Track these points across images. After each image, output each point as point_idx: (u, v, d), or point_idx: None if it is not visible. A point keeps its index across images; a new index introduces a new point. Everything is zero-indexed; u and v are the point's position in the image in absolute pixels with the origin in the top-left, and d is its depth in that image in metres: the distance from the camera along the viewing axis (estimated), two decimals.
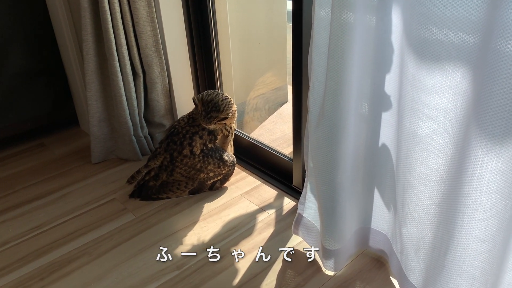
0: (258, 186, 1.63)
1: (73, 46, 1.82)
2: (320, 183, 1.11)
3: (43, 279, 1.26)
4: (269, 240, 1.36)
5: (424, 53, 0.80)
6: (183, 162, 1.49)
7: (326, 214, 1.13)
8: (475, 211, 0.78)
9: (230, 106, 1.44)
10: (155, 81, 1.73)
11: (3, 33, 1.79)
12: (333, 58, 0.92)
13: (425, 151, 0.88)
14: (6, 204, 1.60)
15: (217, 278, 1.23)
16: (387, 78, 0.97)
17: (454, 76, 0.77)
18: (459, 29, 0.73)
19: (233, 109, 1.47)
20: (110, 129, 1.81)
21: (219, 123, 1.45)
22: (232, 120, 1.49)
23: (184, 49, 1.75)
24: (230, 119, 1.48)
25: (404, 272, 1.06)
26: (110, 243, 1.38)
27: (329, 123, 1.00)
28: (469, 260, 0.83)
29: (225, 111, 1.43)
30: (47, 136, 2.08)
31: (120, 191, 1.64)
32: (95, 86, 1.69)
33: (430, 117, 0.84)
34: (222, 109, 1.42)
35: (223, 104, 1.43)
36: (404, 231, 1.01)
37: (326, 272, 1.23)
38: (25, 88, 1.93)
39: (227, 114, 1.43)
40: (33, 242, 1.40)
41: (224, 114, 1.43)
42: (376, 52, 0.94)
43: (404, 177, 0.95)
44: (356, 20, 0.86)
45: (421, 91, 0.83)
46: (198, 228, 1.43)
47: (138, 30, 1.61)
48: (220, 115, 1.42)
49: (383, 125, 1.04)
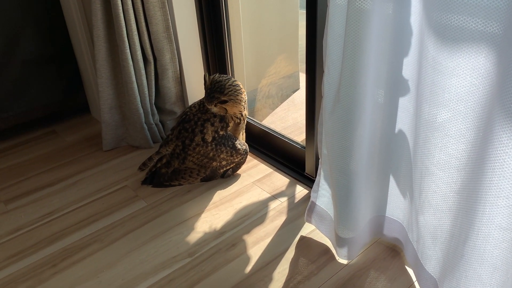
0: (270, 174, 1.61)
1: (84, 32, 1.81)
2: (334, 170, 1.09)
3: (55, 265, 1.26)
4: (282, 228, 1.35)
5: (445, 35, 0.77)
6: (195, 150, 1.48)
7: (340, 202, 1.11)
8: (498, 198, 0.75)
9: (235, 92, 1.42)
10: (166, 68, 1.71)
11: (14, 21, 1.78)
12: (350, 45, 0.89)
13: (444, 136, 0.85)
14: (19, 191, 1.61)
15: (229, 265, 1.22)
16: (405, 62, 0.94)
17: (477, 58, 0.74)
18: (483, 15, 0.70)
19: (240, 97, 1.44)
20: (121, 116, 1.81)
21: (220, 106, 1.44)
22: (237, 108, 1.46)
23: (195, 35, 1.72)
24: (233, 106, 1.45)
25: (420, 260, 1.04)
26: (122, 230, 1.38)
27: (345, 109, 0.98)
28: (489, 249, 0.80)
29: (228, 95, 1.41)
30: (59, 123, 2.08)
31: (131, 178, 1.64)
32: (106, 73, 1.68)
33: (451, 102, 0.81)
34: (226, 93, 1.41)
35: (229, 88, 1.41)
36: (421, 219, 0.99)
37: (339, 261, 1.22)
38: (36, 75, 1.92)
39: (229, 98, 1.42)
40: (45, 228, 1.41)
41: (225, 97, 1.41)
42: (394, 36, 0.91)
43: (422, 164, 0.92)
44: (374, 5, 0.83)
45: (441, 74, 0.80)
46: (210, 215, 1.42)
47: (149, 15, 1.59)
48: (221, 97, 1.41)
49: (400, 111, 1.01)
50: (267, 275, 1.18)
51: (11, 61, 1.84)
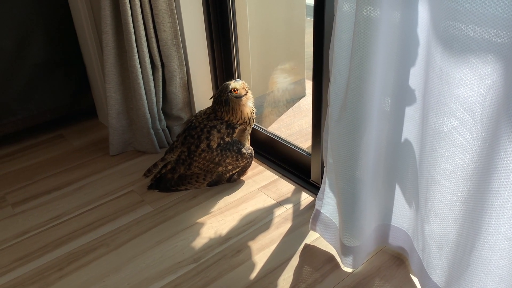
0: (275, 181, 1.61)
1: (93, 38, 1.83)
2: (340, 179, 1.09)
3: (61, 269, 1.27)
4: (287, 235, 1.35)
5: (452, 45, 0.77)
6: (201, 156, 1.49)
7: (345, 211, 1.12)
8: (504, 208, 0.75)
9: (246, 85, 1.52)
10: (173, 74, 1.72)
11: (24, 25, 1.81)
12: (357, 53, 0.90)
13: (451, 146, 0.85)
14: (26, 194, 1.62)
15: (234, 272, 1.23)
16: (412, 72, 0.94)
17: (485, 68, 0.74)
18: (491, 25, 0.70)
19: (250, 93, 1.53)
20: (129, 121, 1.82)
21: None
22: (248, 109, 1.50)
23: (203, 41, 1.74)
24: (246, 103, 1.51)
25: (426, 270, 1.03)
26: (128, 234, 1.39)
27: (351, 117, 0.98)
28: (495, 259, 0.80)
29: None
30: (66, 127, 2.10)
31: (138, 183, 1.64)
32: (114, 79, 1.70)
33: (457, 111, 0.81)
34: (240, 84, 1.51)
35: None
36: (426, 228, 0.99)
37: (344, 269, 1.22)
38: (45, 79, 1.94)
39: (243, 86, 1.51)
40: (52, 232, 1.42)
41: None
42: (401, 45, 0.91)
43: (428, 173, 0.92)
44: (382, 14, 0.84)
45: (448, 84, 0.80)
46: (215, 221, 1.42)
47: (158, 22, 1.61)
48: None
49: (407, 120, 1.01)
50: (272, 282, 1.19)
51: (20, 65, 1.86)
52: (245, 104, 1.50)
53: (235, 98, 1.47)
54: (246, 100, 1.50)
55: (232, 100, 1.47)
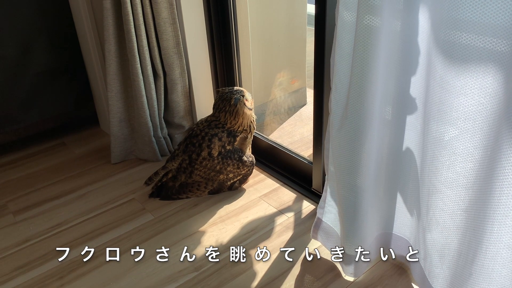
0: (276, 189, 1.61)
1: (95, 46, 1.84)
2: (341, 187, 1.09)
3: (62, 277, 1.27)
4: (288, 243, 1.35)
5: (453, 55, 0.77)
6: (202, 164, 1.49)
7: (347, 219, 1.11)
8: (506, 218, 0.75)
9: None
10: (175, 82, 1.73)
11: (27, 33, 1.82)
12: (358, 62, 0.90)
13: (452, 155, 0.85)
14: (27, 202, 1.62)
15: (235, 280, 1.22)
16: (412, 81, 0.95)
17: (485, 77, 0.74)
18: (491, 34, 0.71)
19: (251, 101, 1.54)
20: (130, 129, 1.82)
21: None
22: (248, 118, 1.50)
23: (204, 50, 1.75)
24: (247, 112, 1.51)
25: (428, 278, 1.03)
26: (129, 243, 1.38)
27: (352, 125, 0.99)
28: (498, 268, 0.80)
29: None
30: (68, 135, 2.10)
31: (139, 191, 1.64)
32: (116, 87, 1.71)
33: (458, 120, 0.82)
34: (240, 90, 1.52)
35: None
36: (428, 236, 0.98)
37: (346, 278, 1.21)
38: (47, 87, 1.95)
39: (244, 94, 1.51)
40: (53, 240, 1.41)
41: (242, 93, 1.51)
42: (401, 54, 0.92)
43: (430, 182, 0.92)
44: (383, 24, 0.85)
45: (449, 93, 0.81)
46: (216, 229, 1.42)
47: (160, 31, 1.62)
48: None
49: (408, 129, 1.02)
50: None
51: (23, 73, 1.87)
52: (247, 112, 1.50)
53: (243, 103, 1.48)
54: (249, 110, 1.51)
55: (240, 103, 1.47)
